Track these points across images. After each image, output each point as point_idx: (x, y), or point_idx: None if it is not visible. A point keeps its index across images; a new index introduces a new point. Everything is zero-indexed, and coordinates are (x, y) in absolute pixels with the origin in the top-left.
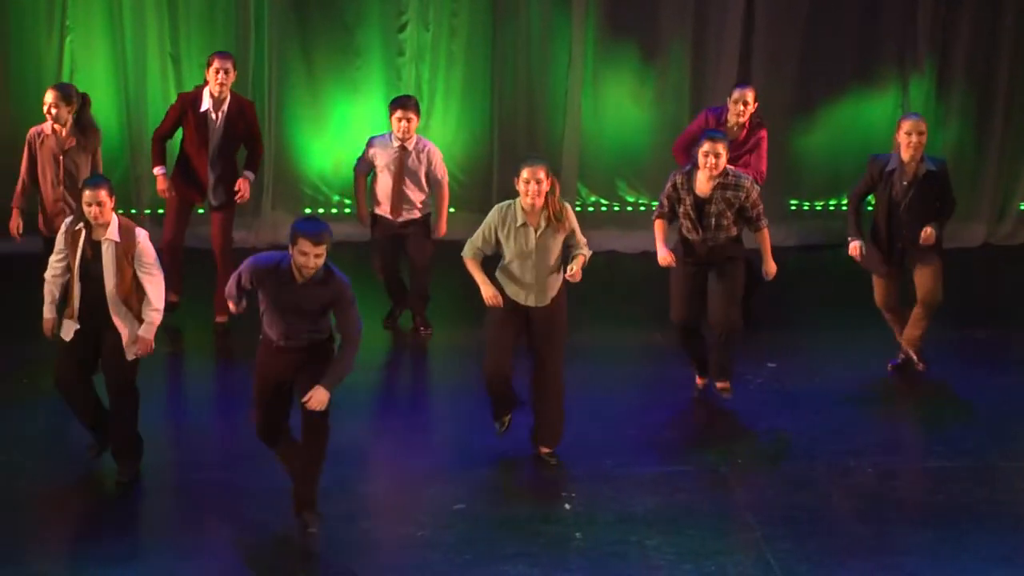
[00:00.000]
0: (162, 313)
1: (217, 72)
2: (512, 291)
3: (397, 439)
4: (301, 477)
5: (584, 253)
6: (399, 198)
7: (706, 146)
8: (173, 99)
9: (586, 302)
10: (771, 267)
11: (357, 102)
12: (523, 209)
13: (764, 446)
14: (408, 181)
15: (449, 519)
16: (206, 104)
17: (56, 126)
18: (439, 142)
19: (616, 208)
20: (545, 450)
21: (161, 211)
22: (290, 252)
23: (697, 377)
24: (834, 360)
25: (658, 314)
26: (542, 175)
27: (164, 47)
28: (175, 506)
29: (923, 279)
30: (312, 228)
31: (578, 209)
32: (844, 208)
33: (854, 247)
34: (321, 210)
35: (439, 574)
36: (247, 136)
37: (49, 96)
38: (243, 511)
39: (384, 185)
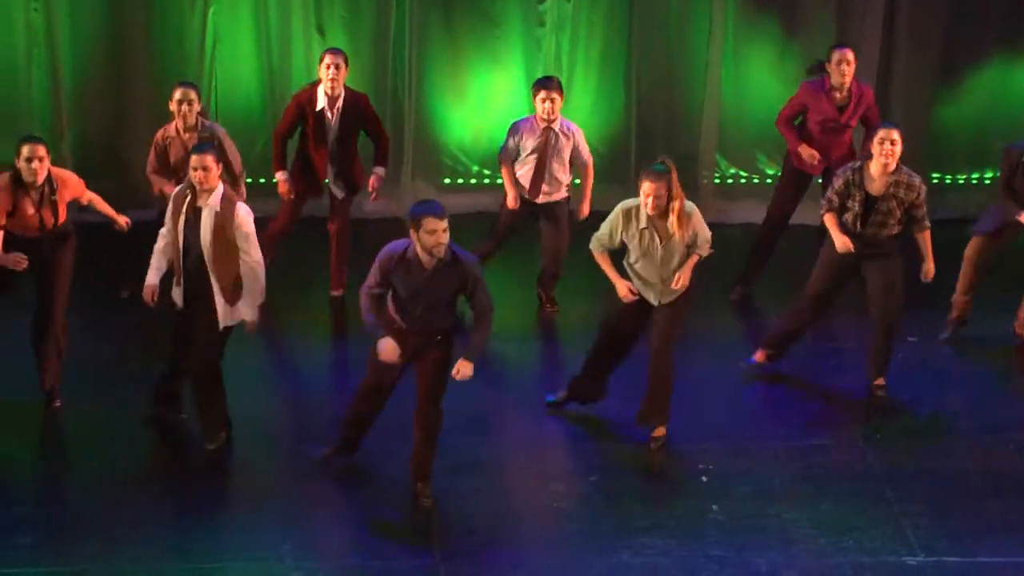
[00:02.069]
0: (259, 296)
1: (328, 68)
2: (637, 286)
3: (531, 411)
4: (419, 450)
5: (700, 253)
6: (541, 180)
7: (881, 133)
8: (316, 71)
9: (722, 275)
10: (931, 268)
11: (497, 72)
12: (647, 213)
13: (903, 420)
14: (554, 163)
15: (585, 491)
16: (321, 103)
17: (179, 125)
18: (577, 114)
19: (756, 181)
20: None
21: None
22: (414, 239)
23: (760, 352)
24: (975, 335)
25: (796, 287)
26: (663, 191)
27: (308, 18)
28: (290, 480)
29: None
30: (432, 206)
31: (716, 181)
32: (987, 182)
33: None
34: (460, 180)
35: (574, 545)
36: (368, 130)
37: (178, 93)
38: (375, 481)
39: (528, 167)
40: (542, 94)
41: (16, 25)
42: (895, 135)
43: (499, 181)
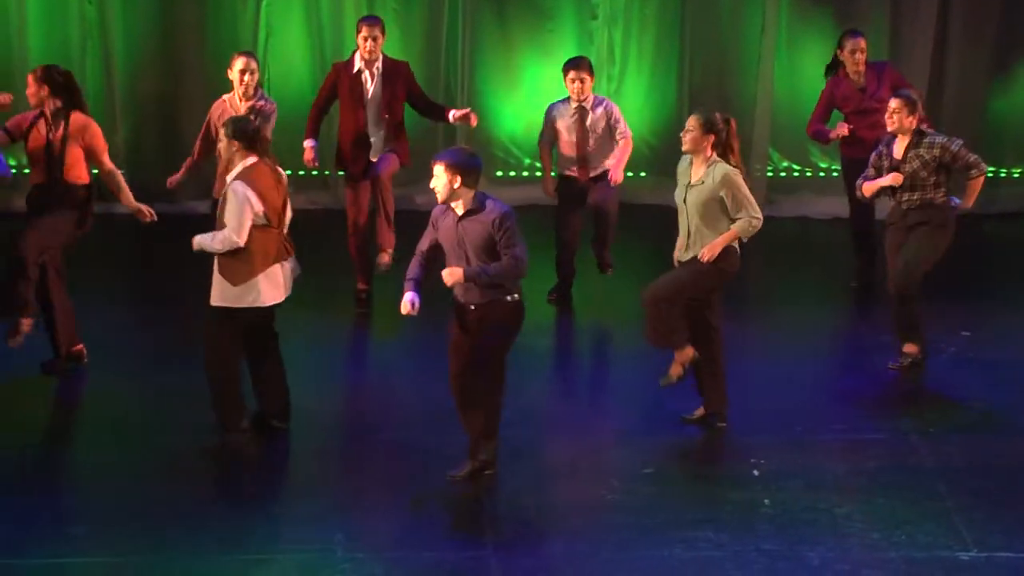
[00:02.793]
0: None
1: (366, 40)
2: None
3: (584, 401)
4: (475, 437)
5: (737, 227)
6: (586, 158)
7: (892, 103)
8: None
9: (776, 267)
10: (966, 204)
11: (549, 65)
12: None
13: (956, 415)
14: (591, 140)
15: (637, 482)
16: (358, 65)
17: (239, 93)
18: (629, 106)
19: (808, 174)
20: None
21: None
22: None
23: (910, 344)
24: None
25: (848, 280)
26: (693, 123)
27: (360, 11)
28: (342, 471)
29: None
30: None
31: (769, 174)
32: None
33: None
34: (512, 173)
35: (626, 538)
36: (415, 103)
37: (241, 63)
38: (428, 472)
39: (569, 147)
40: (572, 74)
41: (71, 18)
42: (894, 103)
43: (552, 174)
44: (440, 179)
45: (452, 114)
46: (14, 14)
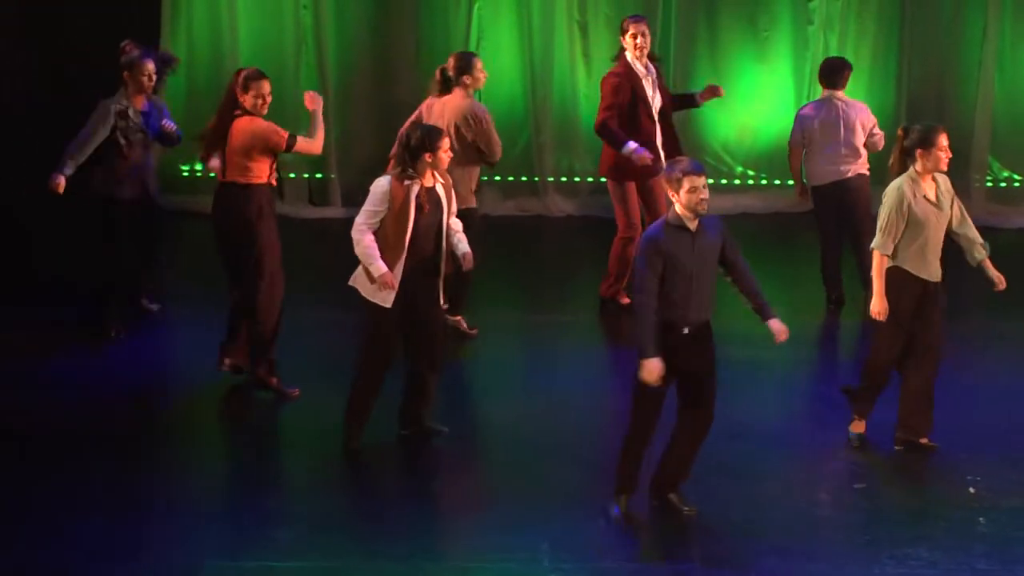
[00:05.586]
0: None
1: (635, 37)
2: (916, 265)
3: (796, 414)
4: (678, 456)
5: (984, 249)
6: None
7: None
8: (579, 68)
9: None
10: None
11: (762, 71)
12: (920, 178)
13: None
14: (843, 133)
15: (849, 498)
16: (638, 70)
17: (462, 93)
18: None
19: None
20: (924, 440)
21: (563, 179)
22: (675, 199)
23: None
24: None
25: None
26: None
27: (572, 15)
28: (546, 480)
29: None
30: (690, 164)
31: (988, 184)
32: None
33: None
34: (724, 180)
35: (837, 555)
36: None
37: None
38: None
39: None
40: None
41: (286, 24)
42: None
43: (763, 181)
44: (707, 189)
45: (698, 96)
46: (225, 22)
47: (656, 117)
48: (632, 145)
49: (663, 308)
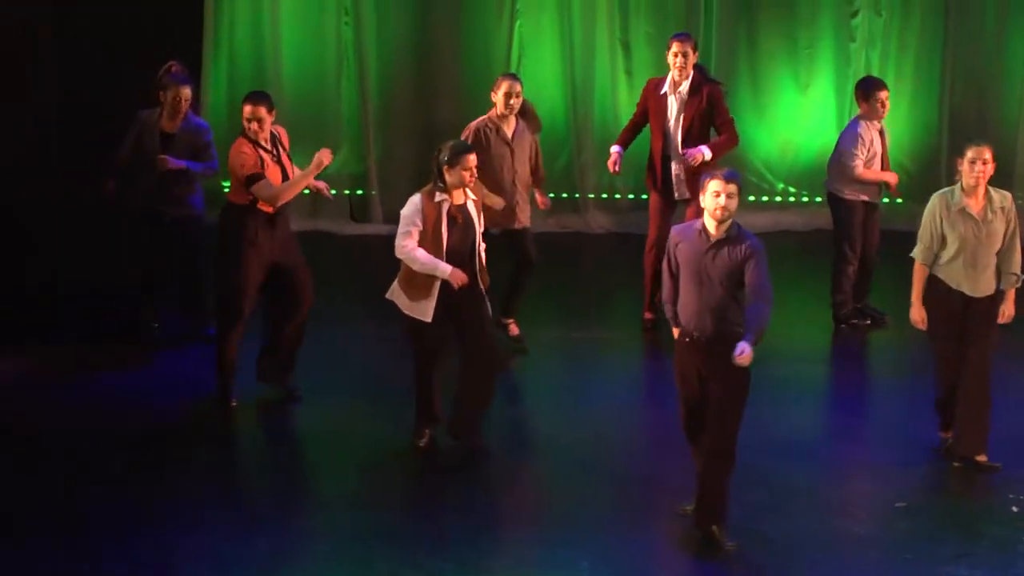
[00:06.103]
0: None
1: (676, 56)
2: (949, 277)
3: (834, 431)
4: (707, 485)
5: (1014, 280)
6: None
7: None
8: (621, 85)
9: None
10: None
11: (804, 88)
12: (963, 191)
13: None
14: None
15: (889, 516)
16: (665, 87)
17: (501, 111)
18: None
19: None
20: (981, 458)
21: (604, 195)
22: (701, 202)
23: None
24: None
25: None
26: (988, 155)
27: (614, 32)
28: (585, 496)
29: None
30: (724, 171)
31: None
32: None
33: None
34: (764, 198)
35: (877, 573)
36: (714, 120)
37: (506, 85)
38: (661, 505)
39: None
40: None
41: (327, 38)
42: None
43: (804, 199)
44: (735, 199)
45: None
46: (268, 38)
47: (674, 135)
48: None
49: (678, 310)
